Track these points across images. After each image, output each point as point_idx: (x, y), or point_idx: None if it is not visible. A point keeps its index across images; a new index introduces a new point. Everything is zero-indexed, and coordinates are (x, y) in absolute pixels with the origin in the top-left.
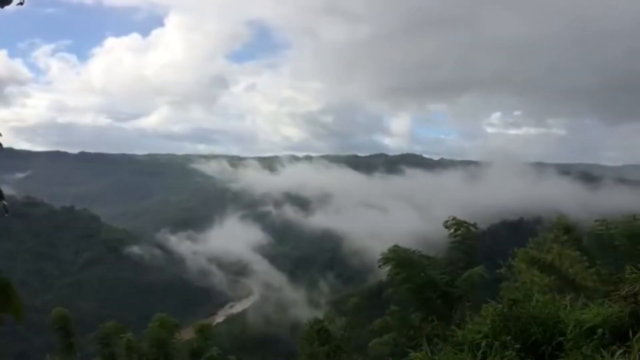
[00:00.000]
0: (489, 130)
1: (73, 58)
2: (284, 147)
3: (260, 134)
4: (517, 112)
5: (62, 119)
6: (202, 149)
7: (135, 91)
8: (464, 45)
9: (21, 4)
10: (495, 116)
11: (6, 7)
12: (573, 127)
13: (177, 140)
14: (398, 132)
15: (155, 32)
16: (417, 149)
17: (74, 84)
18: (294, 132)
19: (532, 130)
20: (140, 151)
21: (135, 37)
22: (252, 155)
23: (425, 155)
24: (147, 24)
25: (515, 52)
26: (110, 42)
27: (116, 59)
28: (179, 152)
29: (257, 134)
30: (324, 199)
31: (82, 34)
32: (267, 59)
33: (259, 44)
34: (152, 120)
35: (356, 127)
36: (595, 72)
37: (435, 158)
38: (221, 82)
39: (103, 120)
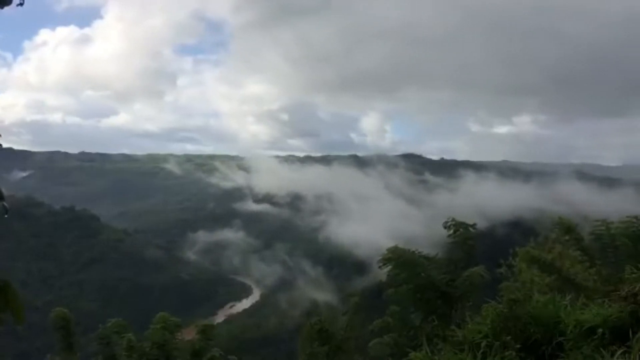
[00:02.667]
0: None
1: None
2: (283, 147)
3: (249, 133)
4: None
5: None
6: (192, 148)
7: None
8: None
9: (21, 4)
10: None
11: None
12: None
13: (153, 139)
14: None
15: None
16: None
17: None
18: (274, 131)
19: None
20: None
21: (85, 31)
22: (249, 155)
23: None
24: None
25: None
26: (52, 35)
27: (60, 55)
28: (179, 152)
29: (242, 133)
30: (323, 198)
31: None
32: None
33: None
34: (119, 120)
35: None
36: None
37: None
38: (171, 78)
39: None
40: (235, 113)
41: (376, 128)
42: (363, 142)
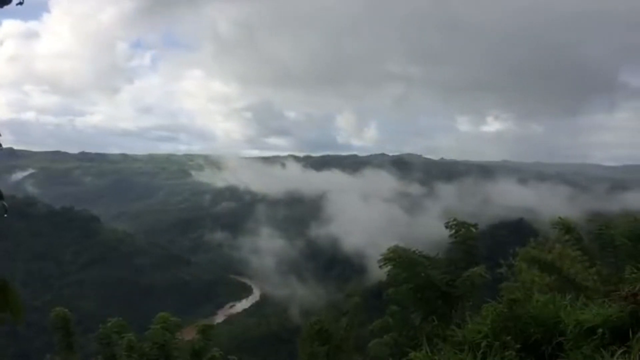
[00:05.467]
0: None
1: None
2: (282, 147)
3: (230, 132)
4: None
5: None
6: (184, 148)
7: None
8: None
9: (21, 3)
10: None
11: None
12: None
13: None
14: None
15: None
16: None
17: None
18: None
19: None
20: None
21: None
22: (246, 155)
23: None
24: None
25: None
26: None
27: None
28: (178, 153)
29: (222, 132)
30: (322, 198)
31: None
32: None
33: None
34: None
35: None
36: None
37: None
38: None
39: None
40: (211, 111)
41: (351, 126)
42: (337, 141)
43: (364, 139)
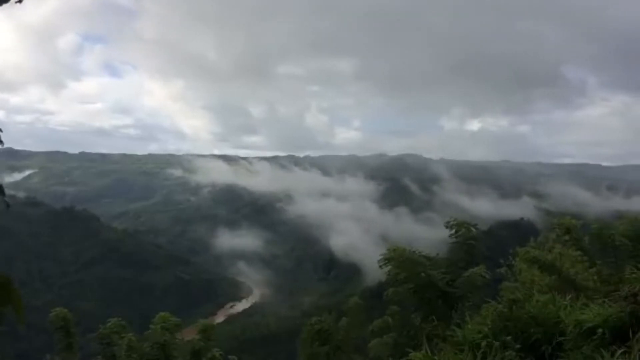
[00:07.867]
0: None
1: None
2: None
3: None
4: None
5: None
6: (172, 148)
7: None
8: None
9: (19, 2)
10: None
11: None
12: None
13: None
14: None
15: None
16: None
17: None
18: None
19: None
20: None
21: None
22: (245, 154)
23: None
24: None
25: None
26: None
27: None
28: (178, 152)
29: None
30: (320, 199)
31: None
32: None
33: None
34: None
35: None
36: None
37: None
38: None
39: None
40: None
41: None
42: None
43: (361, 140)
